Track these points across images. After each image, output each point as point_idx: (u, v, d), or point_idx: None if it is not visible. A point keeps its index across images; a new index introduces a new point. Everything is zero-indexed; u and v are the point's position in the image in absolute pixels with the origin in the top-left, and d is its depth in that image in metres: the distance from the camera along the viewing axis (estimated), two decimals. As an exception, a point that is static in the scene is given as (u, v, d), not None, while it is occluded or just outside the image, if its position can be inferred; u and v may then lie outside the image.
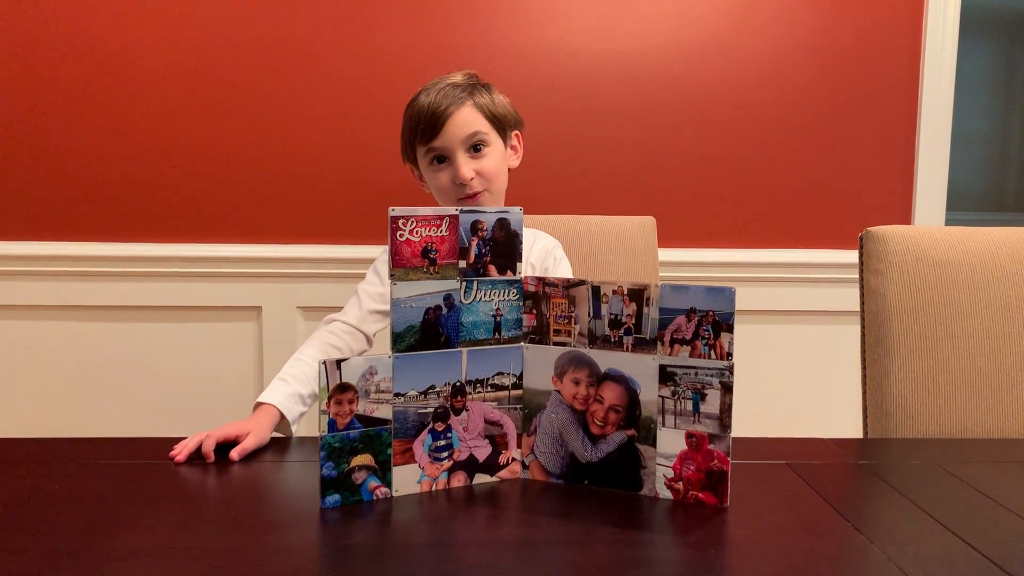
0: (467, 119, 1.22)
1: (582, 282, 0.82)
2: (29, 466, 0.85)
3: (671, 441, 0.79)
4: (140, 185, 1.81)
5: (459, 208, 0.81)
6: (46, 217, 1.81)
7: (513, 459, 0.85)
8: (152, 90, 1.79)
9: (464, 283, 0.82)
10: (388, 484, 0.79)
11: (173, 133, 1.80)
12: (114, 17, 1.77)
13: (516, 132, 1.31)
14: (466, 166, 1.20)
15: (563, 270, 1.32)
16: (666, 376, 0.79)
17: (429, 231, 0.80)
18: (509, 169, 1.30)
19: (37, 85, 1.78)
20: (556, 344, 0.83)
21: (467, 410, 0.83)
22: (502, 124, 1.27)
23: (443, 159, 1.22)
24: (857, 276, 1.21)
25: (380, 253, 1.33)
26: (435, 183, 1.24)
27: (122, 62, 1.78)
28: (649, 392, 0.80)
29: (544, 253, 1.32)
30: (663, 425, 0.79)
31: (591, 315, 0.82)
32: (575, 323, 0.82)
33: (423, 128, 1.21)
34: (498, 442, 0.84)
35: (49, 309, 1.82)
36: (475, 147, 1.22)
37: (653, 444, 0.80)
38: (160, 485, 0.81)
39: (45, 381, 1.84)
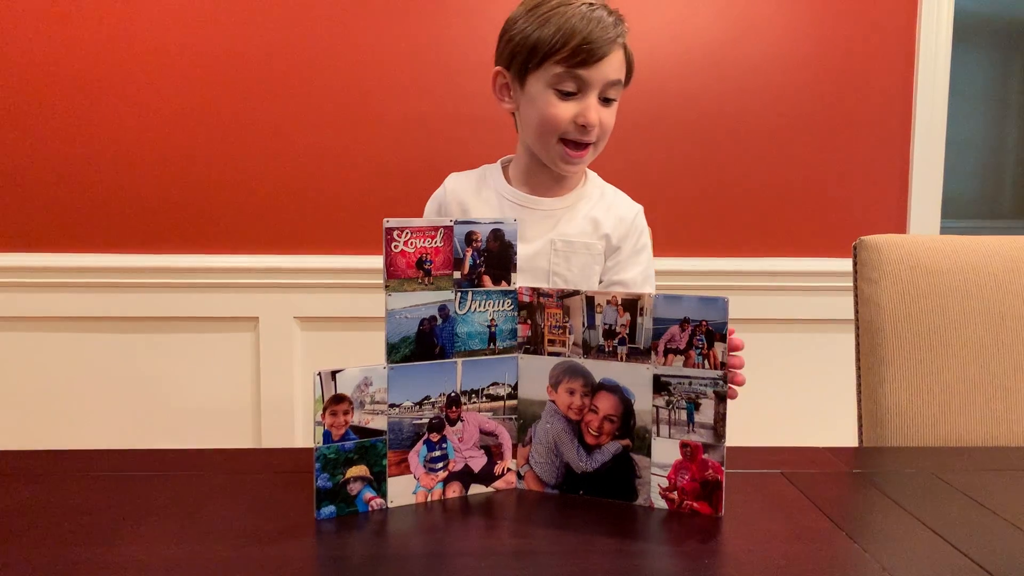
0: (617, 63, 1.10)
1: (576, 292, 0.82)
2: (23, 479, 0.85)
3: (666, 451, 0.79)
4: (136, 196, 1.82)
5: (453, 220, 0.81)
6: (41, 229, 1.81)
7: (508, 469, 0.85)
8: (147, 101, 1.80)
9: (459, 294, 0.83)
10: (383, 495, 0.79)
11: (169, 143, 1.81)
12: (115, 27, 1.78)
13: None
14: (595, 110, 1.09)
15: (637, 249, 1.19)
16: (660, 386, 0.79)
17: (424, 242, 0.80)
18: None
19: (34, 95, 1.78)
20: (551, 354, 0.84)
21: (462, 420, 0.83)
22: (629, 80, 1.16)
23: (571, 93, 1.09)
24: (851, 285, 1.22)
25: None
26: (548, 110, 1.09)
27: (120, 72, 1.79)
28: (643, 402, 0.80)
29: (617, 220, 1.19)
30: (657, 435, 0.80)
31: (585, 325, 0.82)
32: (570, 333, 0.83)
33: (579, 48, 1.05)
34: (493, 452, 0.85)
35: (45, 320, 1.82)
36: (608, 98, 1.12)
37: (648, 454, 0.80)
38: (155, 497, 0.81)
39: (40, 393, 1.84)
